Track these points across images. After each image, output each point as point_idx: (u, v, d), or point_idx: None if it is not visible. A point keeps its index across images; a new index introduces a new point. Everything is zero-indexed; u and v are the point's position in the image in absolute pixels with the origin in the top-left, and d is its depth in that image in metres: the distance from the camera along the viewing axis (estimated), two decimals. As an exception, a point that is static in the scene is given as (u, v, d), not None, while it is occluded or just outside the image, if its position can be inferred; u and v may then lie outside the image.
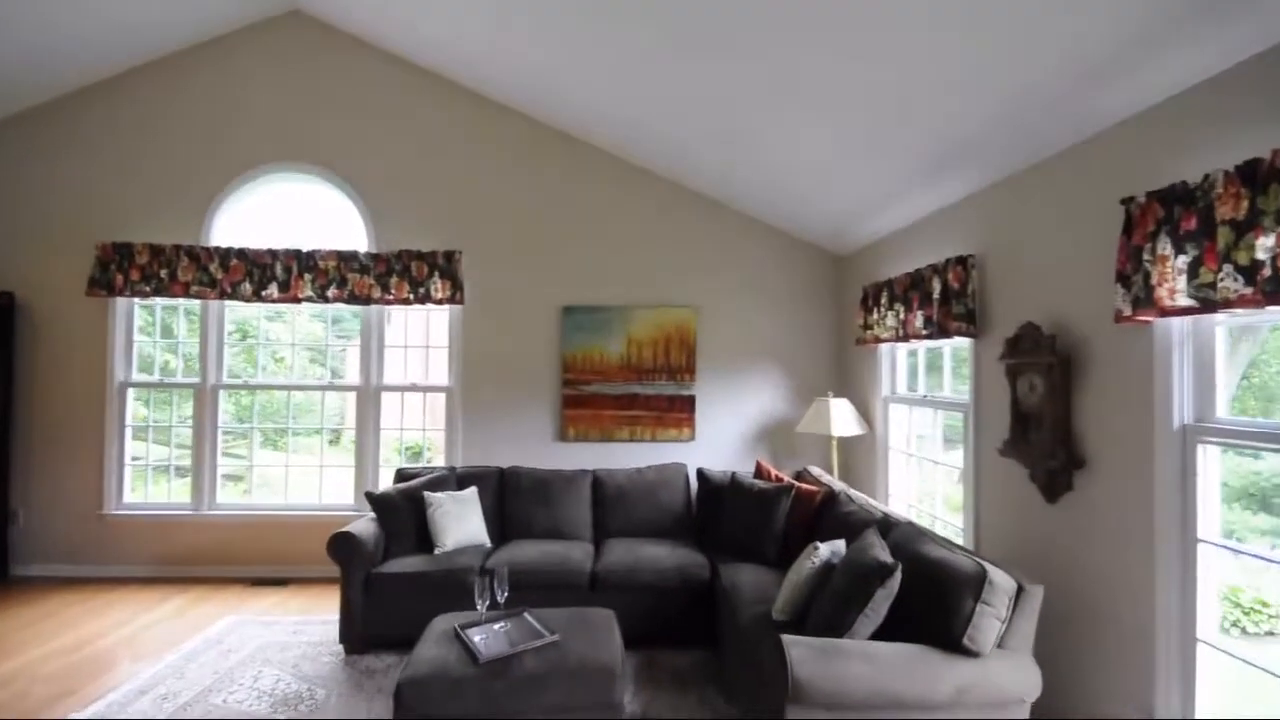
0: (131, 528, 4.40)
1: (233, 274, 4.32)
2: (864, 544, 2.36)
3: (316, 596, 4.02)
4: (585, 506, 3.93)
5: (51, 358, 4.38)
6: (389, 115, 4.49)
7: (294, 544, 4.38)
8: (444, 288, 4.39)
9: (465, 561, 3.33)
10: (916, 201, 3.35)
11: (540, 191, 4.58)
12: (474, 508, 3.71)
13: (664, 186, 4.60)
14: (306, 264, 4.35)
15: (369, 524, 3.45)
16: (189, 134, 4.43)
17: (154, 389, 4.59)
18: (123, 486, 4.46)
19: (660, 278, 4.61)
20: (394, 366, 4.65)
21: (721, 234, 4.64)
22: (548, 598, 3.22)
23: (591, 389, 4.53)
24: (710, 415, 4.58)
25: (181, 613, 3.77)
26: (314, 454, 4.71)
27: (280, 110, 4.46)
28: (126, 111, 4.41)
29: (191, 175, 4.43)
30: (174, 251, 4.31)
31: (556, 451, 4.51)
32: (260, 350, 5.09)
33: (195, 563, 4.40)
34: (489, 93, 4.47)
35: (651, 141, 4.18)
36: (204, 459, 4.47)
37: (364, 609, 3.21)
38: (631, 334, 4.54)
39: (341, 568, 3.21)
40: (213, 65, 4.43)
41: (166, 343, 4.65)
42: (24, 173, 4.37)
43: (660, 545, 3.58)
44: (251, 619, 3.65)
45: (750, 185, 4.22)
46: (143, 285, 4.30)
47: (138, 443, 4.69)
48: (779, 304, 4.65)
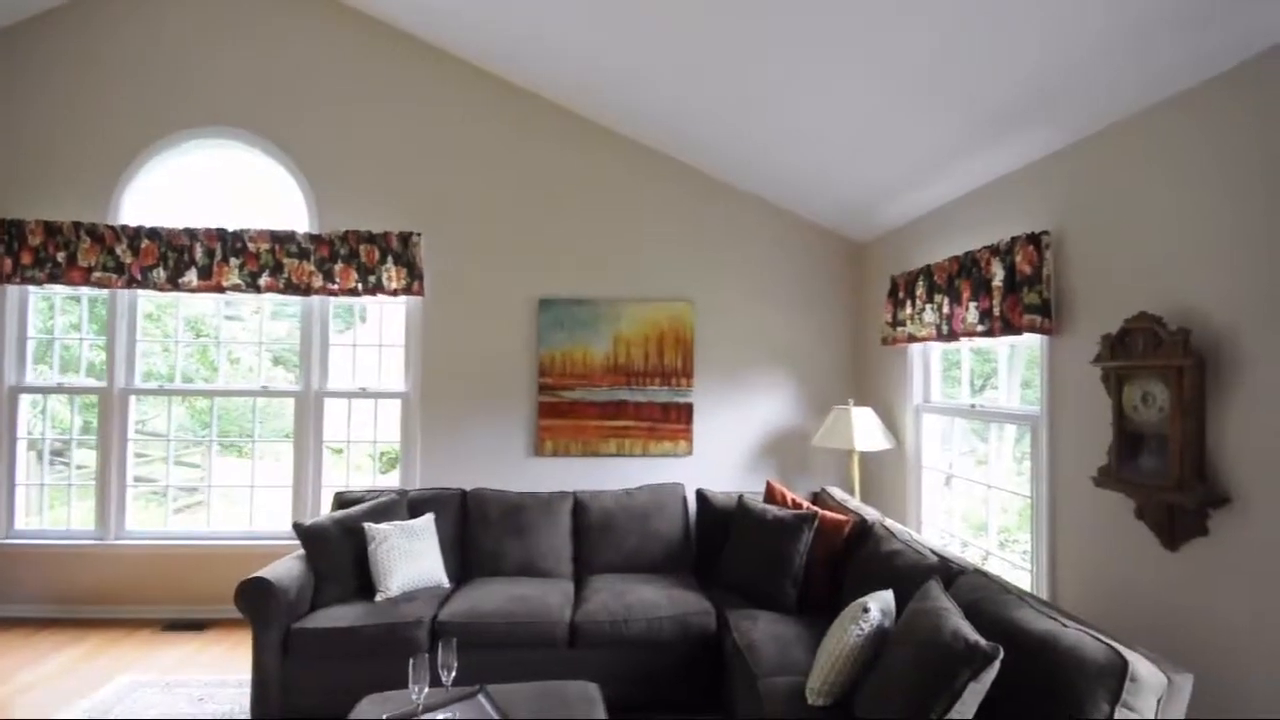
0: (25, 559, 3.69)
1: (144, 258, 3.62)
2: (930, 606, 1.76)
3: (236, 644, 3.35)
4: (565, 536, 3.29)
5: (-78, 357, 3.65)
6: (337, 74, 3.82)
7: (219, 579, 3.65)
8: (399, 276, 3.73)
9: (413, 612, 2.68)
10: (967, 170, 2.77)
11: (514, 166, 3.94)
12: (429, 540, 3.06)
13: (658, 162, 3.99)
14: (233, 246, 3.66)
15: (294, 563, 2.80)
16: (97, 92, 3.72)
17: (52, 394, 3.87)
18: (13, 510, 3.74)
19: (653, 267, 3.99)
20: (348, 368, 3.97)
21: (723, 217, 4.04)
22: (517, 657, 2.61)
23: (573, 395, 3.90)
24: (710, 426, 3.97)
25: (71, 669, 3.08)
26: (281, 463, 4.01)
27: (206, 64, 3.77)
28: (22, 65, 3.69)
29: (98, 140, 3.72)
30: (73, 230, 3.61)
31: (531, 469, 3.87)
32: (210, 350, 4.39)
33: (100, 601, 3.69)
34: (454, 49, 3.82)
35: (644, 107, 3.56)
36: (110, 478, 3.76)
37: (283, 676, 2.55)
38: (619, 332, 3.92)
39: (253, 624, 2.54)
40: (128, 8, 3.72)
41: (67, 340, 3.93)
42: (-115, 133, 3.64)
43: (654, 585, 2.96)
44: (152, 680, 2.97)
45: (760, 160, 3.62)
46: (35, 271, 3.59)
47: (73, 452, 3.97)
48: (789, 298, 4.06)
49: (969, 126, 2.47)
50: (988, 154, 2.58)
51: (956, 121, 2.49)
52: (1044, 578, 2.37)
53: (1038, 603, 1.80)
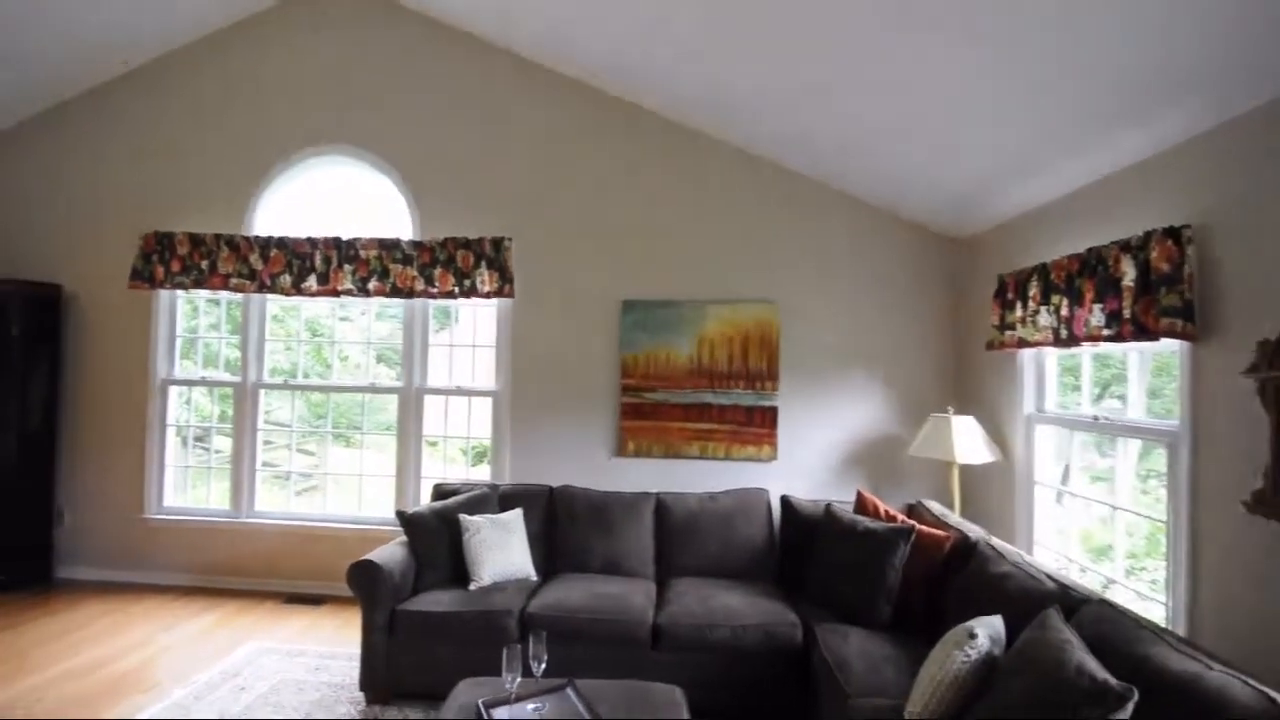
0: (171, 533, 4.18)
1: (272, 265, 4.00)
2: (1050, 637, 1.62)
3: (348, 621, 3.61)
4: (647, 537, 3.32)
5: (98, 352, 4.22)
6: (434, 89, 4.06)
7: (332, 559, 4.00)
8: (491, 279, 3.90)
9: (504, 602, 2.80)
10: (1088, 158, 2.53)
11: (599, 170, 4.01)
12: (518, 534, 3.18)
13: (743, 162, 3.93)
14: (346, 254, 3.98)
15: (398, 549, 2.99)
16: (233, 117, 4.16)
17: (196, 386, 4.36)
18: (163, 489, 4.25)
19: (736, 268, 3.94)
20: (445, 366, 4.21)
21: (811, 216, 3.92)
22: (600, 654, 2.64)
23: (655, 397, 3.92)
24: (795, 431, 3.87)
25: (208, 633, 3.46)
26: (387, 455, 4.37)
27: (323, 88, 4.11)
28: (171, 97, 4.19)
29: (236, 160, 4.16)
30: (214, 241, 4.05)
31: (614, 469, 3.92)
32: (326, 348, 4.83)
33: (232, 573, 4.12)
34: (543, 59, 3.95)
35: (729, 106, 3.53)
36: (244, 462, 4.19)
37: (387, 652, 2.74)
38: (703, 334, 3.90)
39: (362, 603, 2.75)
40: (254, 43, 4.14)
41: (208, 338, 4.42)
42: (70, 162, 4.24)
43: (737, 592, 2.92)
44: (275, 646, 3.28)
45: (849, 154, 3.49)
46: (183, 277, 4.06)
47: (212, 439, 4.50)
48: (881, 299, 3.88)
49: (1091, 107, 2.25)
50: (1115, 138, 2.35)
51: (1076, 102, 2.28)
52: (1181, 612, 2.12)
53: (1175, 640, 1.61)
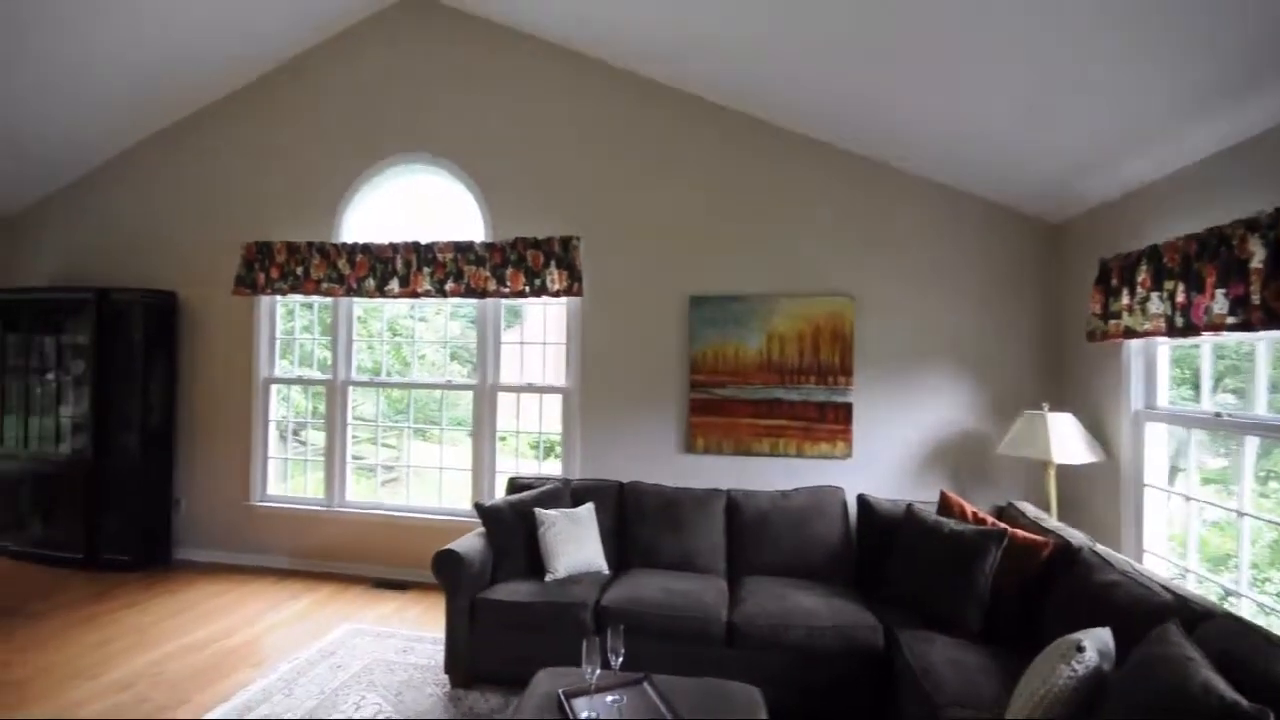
0: (273, 519, 4.52)
1: (358, 270, 4.25)
2: (1171, 653, 1.49)
3: (432, 606, 3.80)
4: (718, 534, 3.30)
5: (207, 353, 4.61)
6: (501, 93, 4.18)
7: (414, 547, 4.21)
8: (561, 278, 3.98)
9: (579, 594, 2.85)
10: (1204, 129, 2.30)
11: (666, 165, 4.01)
12: (590, 528, 3.23)
13: (812, 150, 3.82)
14: (425, 257, 4.16)
15: (477, 540, 3.11)
16: (323, 132, 4.44)
17: (293, 384, 4.69)
18: (266, 478, 4.59)
19: (808, 261, 3.84)
20: (517, 364, 4.35)
21: (887, 204, 3.76)
22: (672, 650, 2.65)
23: (724, 393, 3.88)
24: (871, 428, 3.73)
25: (306, 614, 3.71)
26: (460, 448, 4.58)
27: (402, 100, 4.32)
28: (269, 117, 4.51)
29: (326, 172, 4.43)
30: (307, 249, 4.34)
31: (682, 465, 3.92)
32: (403, 347, 5.09)
33: (327, 558, 4.41)
34: (607, 57, 3.98)
35: (796, 91, 3.44)
36: (335, 454, 4.47)
37: (469, 638, 2.85)
38: (773, 328, 3.83)
39: (446, 590, 2.88)
40: (340, 61, 4.39)
41: (303, 339, 4.74)
42: (182, 179, 4.64)
43: (812, 593, 2.86)
44: (367, 628, 3.49)
45: (927, 137, 3.33)
46: (280, 283, 4.37)
47: (311, 432, 4.85)
48: (965, 289, 3.68)
49: (1211, 72, 2.05)
50: (1239, 106, 2.12)
51: (1191, 66, 2.07)
52: (1324, 631, 1.89)
53: (1319, 661, 1.44)
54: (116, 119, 4.40)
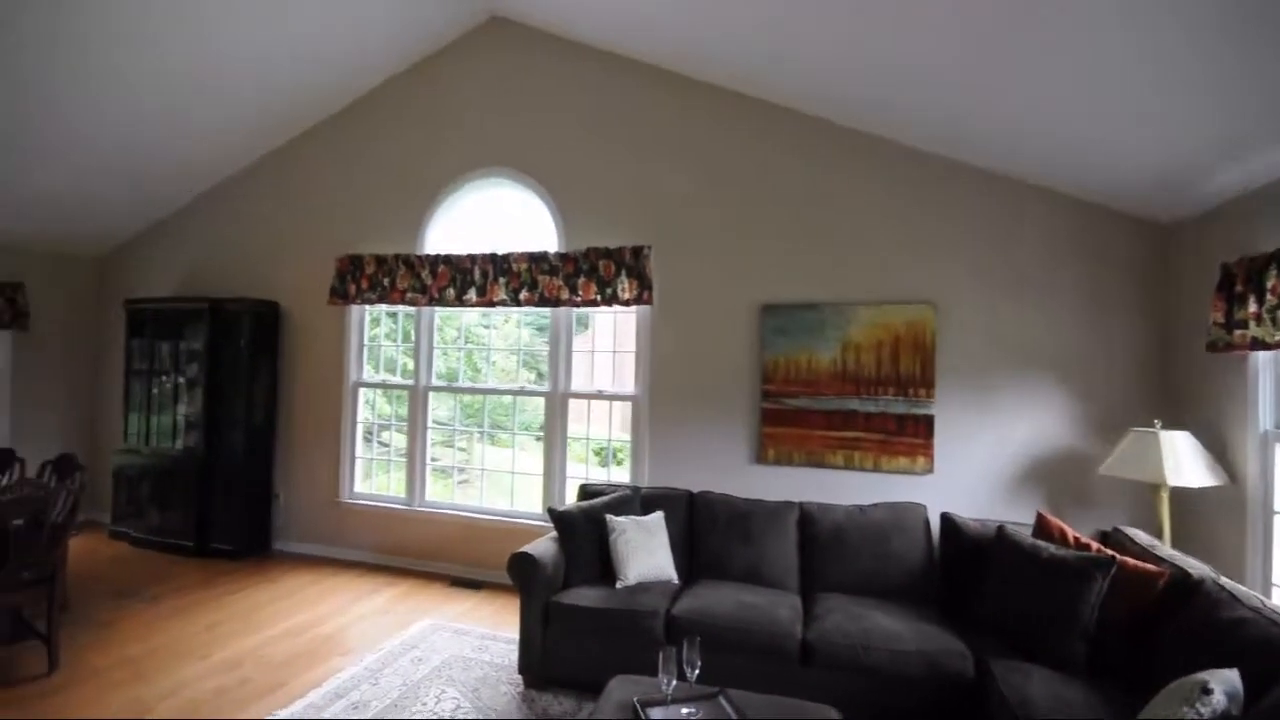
0: (359, 516, 4.79)
1: (439, 280, 4.45)
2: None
3: (504, 607, 3.90)
4: (791, 548, 3.23)
5: (304, 359, 4.96)
6: (574, 107, 4.29)
7: (488, 548, 4.36)
8: (631, 287, 4.03)
9: (650, 603, 2.86)
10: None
11: (737, 172, 3.98)
12: (660, 537, 3.24)
13: (889, 151, 3.70)
14: (501, 267, 4.31)
15: (550, 544, 3.17)
16: (408, 150, 4.69)
17: (379, 389, 4.97)
18: (354, 477, 4.88)
19: (886, 267, 3.71)
20: (587, 372, 4.44)
21: (973, 206, 3.59)
22: (743, 665, 2.61)
23: (796, 403, 3.80)
24: (955, 443, 3.55)
25: (389, 608, 3.90)
26: (527, 453, 4.74)
27: (480, 117, 4.51)
28: (358, 138, 4.82)
29: (411, 188, 4.68)
30: (394, 261, 4.59)
31: (752, 476, 3.86)
32: (474, 354, 5.30)
33: (407, 554, 4.62)
34: (677, 66, 4.01)
35: (881, 95, 3.34)
36: (416, 456, 4.69)
37: (542, 640, 2.91)
38: (848, 338, 3.72)
39: (521, 592, 2.96)
40: (425, 83, 4.64)
41: (385, 346, 5.01)
42: (285, 197, 5.03)
43: (893, 613, 2.74)
44: (445, 624, 3.62)
45: (1021, 134, 3.15)
46: (369, 293, 4.64)
47: (388, 433, 5.14)
48: (1060, 295, 3.45)
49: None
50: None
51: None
52: None
53: None
54: (225, 148, 4.84)
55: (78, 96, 3.82)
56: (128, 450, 5.06)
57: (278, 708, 2.70)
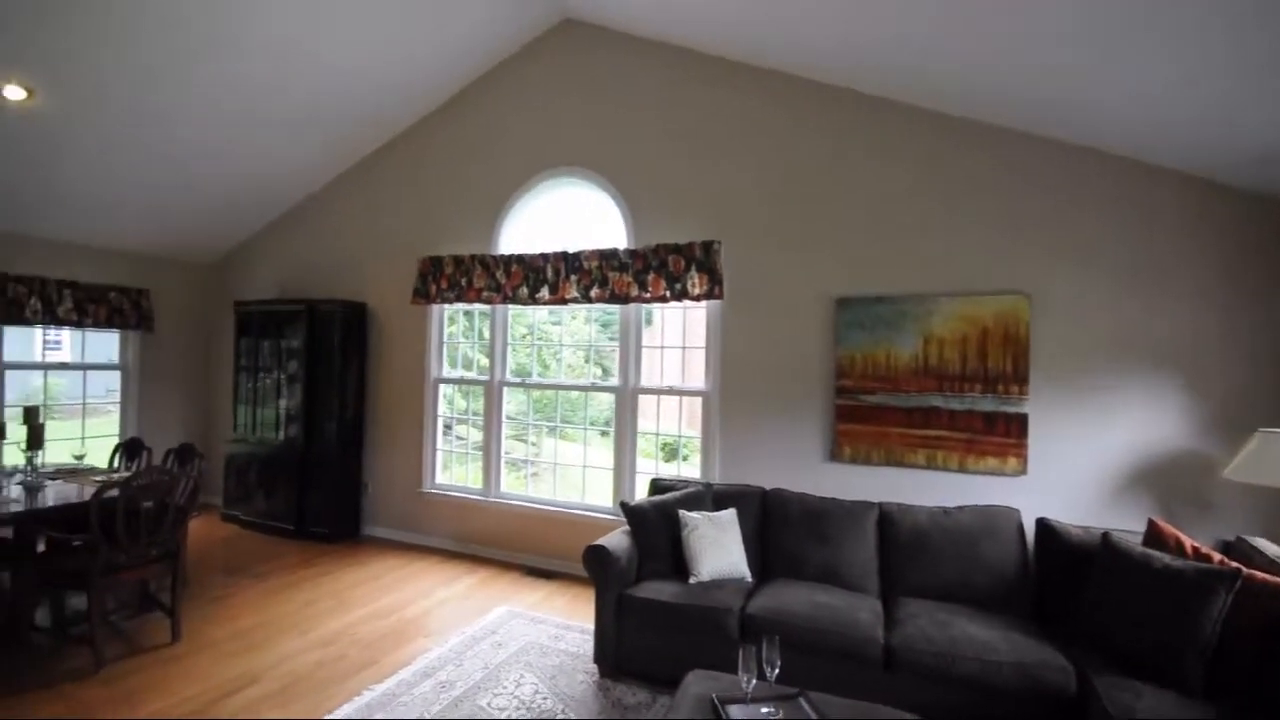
0: (439, 505, 5.02)
1: (513, 279, 4.59)
2: None
3: (578, 597, 3.99)
4: (869, 549, 3.12)
5: (389, 356, 5.25)
6: (642, 103, 4.30)
7: (560, 540, 4.48)
8: (701, 282, 4.01)
9: (724, 599, 2.84)
10: None
11: (808, 162, 3.88)
12: (733, 533, 3.21)
13: (975, 133, 3.49)
14: (572, 265, 4.40)
15: (623, 538, 3.21)
16: (485, 153, 4.86)
17: (457, 384, 5.19)
18: (435, 468, 5.12)
19: (972, 256, 3.51)
20: (655, 367, 4.46)
21: (1072, 187, 3.33)
22: (820, 667, 2.55)
23: (873, 400, 3.66)
24: (1051, 443, 3.32)
25: (468, 594, 4.07)
26: (591, 447, 4.83)
27: (551, 118, 4.61)
28: (437, 146, 5.04)
29: (486, 190, 4.85)
30: (470, 261, 4.77)
31: (826, 474, 3.76)
32: (543, 350, 5.44)
33: (483, 543, 4.81)
34: (744, 56, 3.95)
35: (970, 75, 3.16)
36: (491, 449, 4.87)
37: (617, 632, 2.96)
38: (930, 331, 3.55)
39: (596, 583, 3.01)
40: (499, 88, 4.79)
41: (461, 344, 5.22)
42: (370, 204, 5.33)
43: (983, 622, 2.59)
44: (522, 612, 3.74)
45: (1132, 104, 2.89)
46: (448, 293, 4.85)
47: (462, 427, 5.37)
48: (1173, 284, 3.15)
49: None
50: None
51: None
52: None
53: None
54: (320, 161, 5.17)
55: (196, 122, 4.20)
56: (237, 440, 5.53)
57: (372, 682, 2.88)
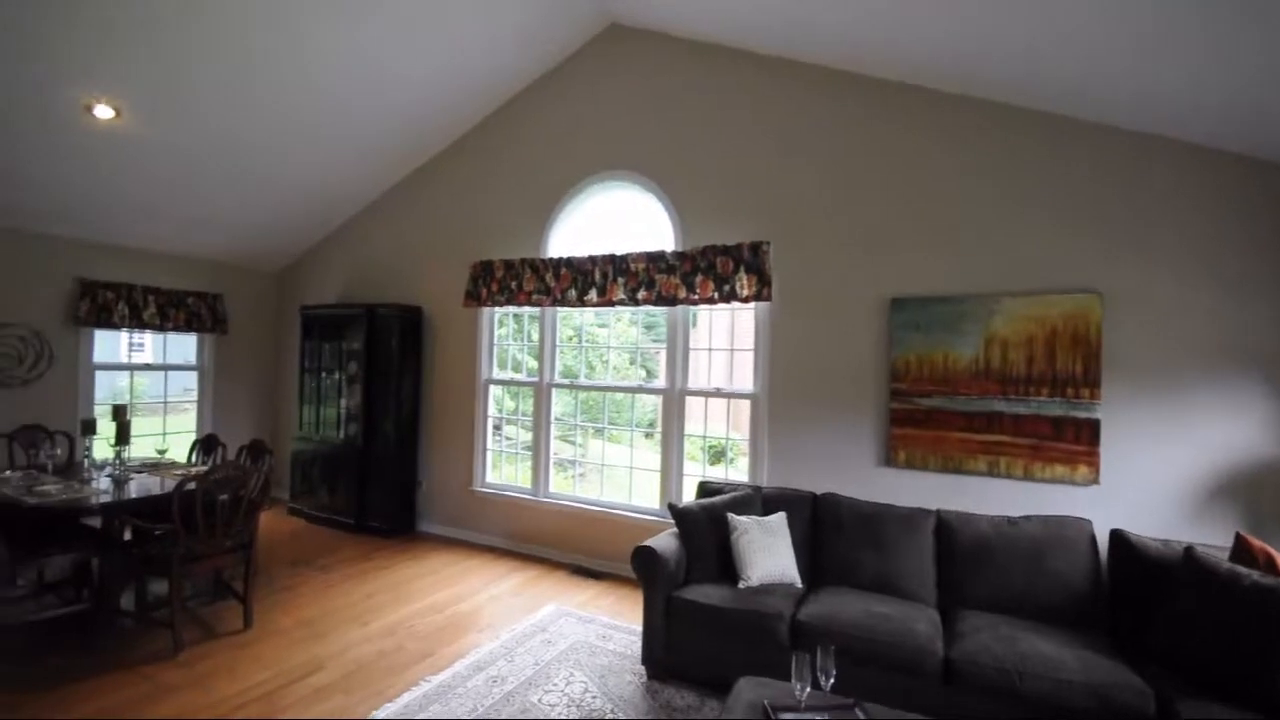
0: (490, 503, 5.13)
1: (562, 282, 4.66)
2: None
3: (625, 598, 4.01)
4: (927, 558, 3.02)
5: (442, 358, 5.40)
6: (694, 105, 4.29)
7: (606, 540, 4.51)
8: (750, 283, 3.96)
9: (774, 605, 2.80)
10: None
11: (859, 159, 3.79)
12: (782, 538, 3.16)
13: (1040, 124, 3.33)
14: (620, 268, 4.42)
15: (671, 540, 3.21)
16: (533, 160, 4.96)
17: (506, 385, 5.30)
18: (485, 467, 5.24)
19: (1037, 253, 3.35)
20: (700, 369, 4.44)
21: (1143, 179, 3.14)
22: (875, 678, 2.48)
23: (930, 403, 3.54)
24: (1126, 451, 3.13)
25: (518, 591, 4.15)
26: (635, 449, 4.86)
27: (598, 122, 4.66)
28: (488, 153, 5.16)
29: (536, 195, 4.94)
30: (520, 265, 4.87)
31: (879, 479, 3.65)
32: (589, 352, 5.51)
33: (532, 542, 4.89)
34: (795, 53, 3.88)
35: (1035, 64, 3.02)
36: (540, 449, 4.95)
37: (665, 633, 2.95)
38: (992, 332, 3.40)
39: (644, 585, 3.01)
40: (549, 94, 4.87)
41: (508, 346, 5.33)
42: (425, 212, 5.51)
43: (1052, 638, 2.47)
44: (571, 611, 3.78)
45: (1190, 84, 2.70)
46: (499, 296, 4.96)
47: (510, 428, 5.49)
48: (1262, 281, 2.92)
49: None
50: None
51: None
52: None
53: None
54: (377, 172, 5.38)
55: (267, 140, 4.44)
56: (302, 438, 5.80)
57: (429, 673, 2.97)
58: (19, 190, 4.29)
